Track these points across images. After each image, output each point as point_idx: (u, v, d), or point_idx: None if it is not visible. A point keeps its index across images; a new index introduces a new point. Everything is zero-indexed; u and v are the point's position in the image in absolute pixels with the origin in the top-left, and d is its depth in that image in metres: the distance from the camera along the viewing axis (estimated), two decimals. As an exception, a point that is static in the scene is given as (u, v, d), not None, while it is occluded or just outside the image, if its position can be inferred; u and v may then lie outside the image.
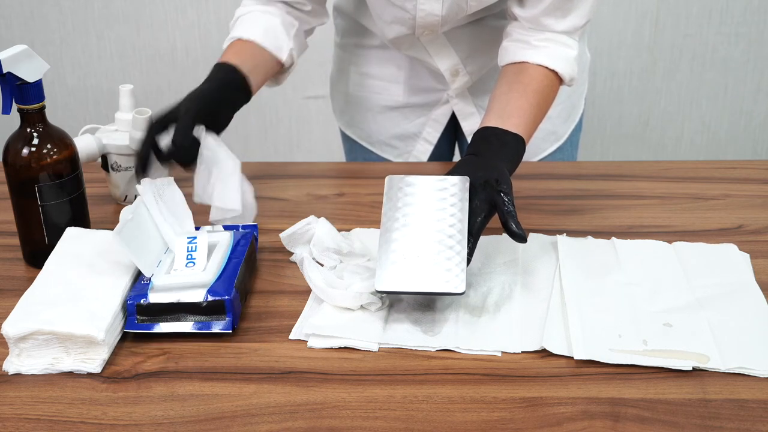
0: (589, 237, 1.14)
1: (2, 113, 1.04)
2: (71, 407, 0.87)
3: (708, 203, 1.24)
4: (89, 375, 0.91)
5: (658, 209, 1.23)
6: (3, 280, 1.08)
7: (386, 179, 1.05)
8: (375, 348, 0.94)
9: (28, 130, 1.06)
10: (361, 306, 0.99)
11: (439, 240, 0.98)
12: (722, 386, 0.88)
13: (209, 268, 1.00)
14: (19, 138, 1.06)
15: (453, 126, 1.46)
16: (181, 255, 1.01)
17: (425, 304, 1.00)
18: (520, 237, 1.00)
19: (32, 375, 0.91)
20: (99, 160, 1.24)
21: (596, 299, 1.00)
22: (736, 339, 0.94)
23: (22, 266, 1.12)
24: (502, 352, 0.93)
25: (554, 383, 0.89)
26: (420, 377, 0.90)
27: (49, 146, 1.06)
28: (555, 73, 1.17)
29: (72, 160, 1.08)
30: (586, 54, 1.45)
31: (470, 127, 1.41)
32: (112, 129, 1.26)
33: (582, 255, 1.09)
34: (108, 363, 0.93)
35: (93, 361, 0.92)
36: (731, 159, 2.09)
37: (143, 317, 0.96)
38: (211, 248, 1.03)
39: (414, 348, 0.94)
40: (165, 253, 1.04)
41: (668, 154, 2.59)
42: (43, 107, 1.05)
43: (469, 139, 1.31)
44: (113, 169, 1.24)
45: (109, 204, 1.27)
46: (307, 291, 1.04)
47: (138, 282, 1.00)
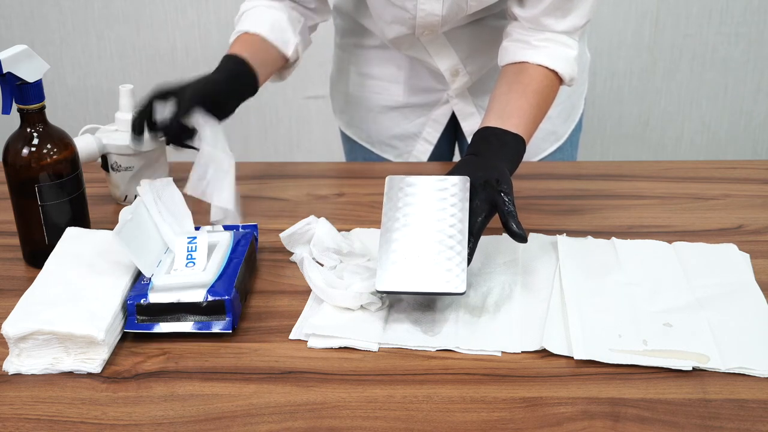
0: (589, 237, 1.14)
1: (2, 113, 1.04)
2: (71, 407, 0.87)
3: (708, 203, 1.24)
4: (89, 375, 0.91)
5: (658, 209, 1.23)
6: (3, 280, 1.08)
7: (386, 179, 1.05)
8: (375, 348, 0.94)
9: (28, 130, 1.06)
10: (361, 306, 0.99)
11: (440, 240, 0.98)
12: (722, 386, 0.88)
13: (209, 268, 1.00)
14: (19, 138, 1.06)
15: (453, 126, 1.46)
16: (181, 255, 1.01)
17: (425, 304, 1.00)
18: (521, 237, 1.00)
19: (32, 375, 0.91)
20: (99, 160, 1.24)
21: (596, 299, 1.00)
22: (736, 339, 0.94)
23: (22, 266, 1.12)
24: (502, 352, 0.93)
25: (554, 383, 0.89)
26: (420, 377, 0.90)
27: (49, 146, 1.06)
28: (555, 73, 1.17)
29: (72, 160, 1.08)
30: (586, 54, 1.45)
31: (470, 127, 1.41)
32: (112, 129, 1.25)
33: (582, 255, 1.09)
34: (108, 363, 0.93)
35: (93, 361, 0.92)
36: (731, 159, 2.09)
37: (143, 317, 0.96)
38: (211, 248, 1.03)
39: (414, 348, 0.94)
40: (165, 253, 1.04)
41: (668, 154, 2.59)
42: (43, 107, 1.05)
43: (469, 139, 1.31)
44: (113, 169, 1.24)
45: (109, 204, 1.27)
46: (307, 291, 1.04)
47: (138, 282, 1.00)
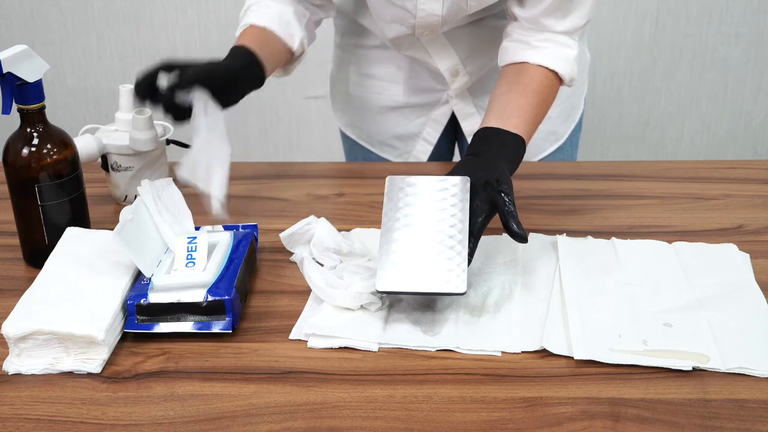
0: (589, 237, 1.14)
1: (2, 113, 1.04)
2: (71, 407, 0.87)
3: (708, 203, 1.24)
4: (89, 375, 0.91)
5: (658, 209, 1.23)
6: (3, 280, 1.08)
7: (387, 179, 1.05)
8: (375, 348, 0.94)
9: (28, 130, 1.06)
10: (361, 306, 0.99)
11: (440, 240, 0.98)
12: (722, 386, 0.88)
13: (209, 268, 1.00)
14: (19, 138, 1.06)
15: (453, 126, 1.46)
16: (181, 255, 1.01)
17: (425, 304, 1.00)
18: (521, 237, 1.00)
19: (32, 375, 0.91)
20: (99, 160, 1.24)
21: (596, 299, 1.00)
22: (736, 339, 0.94)
23: (22, 266, 1.12)
24: (502, 352, 0.93)
25: (554, 383, 0.89)
26: (420, 377, 0.90)
27: (49, 146, 1.06)
28: (555, 74, 1.17)
29: (72, 160, 1.08)
30: (586, 54, 1.45)
31: (470, 128, 1.41)
32: (112, 129, 1.26)
33: (582, 255, 1.09)
34: (108, 363, 0.93)
35: (93, 361, 0.92)
36: (731, 159, 2.09)
37: (143, 317, 0.96)
38: (211, 248, 1.03)
39: (414, 348, 0.94)
40: (165, 253, 1.04)
41: (668, 154, 2.59)
42: (43, 107, 1.05)
43: (469, 140, 1.31)
44: (113, 169, 1.24)
45: (109, 204, 1.27)
46: (307, 291, 1.04)
47: (138, 282, 1.00)
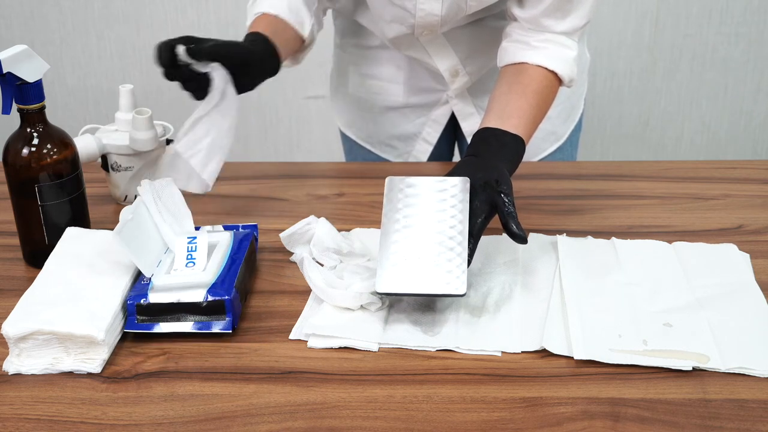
0: (589, 237, 1.14)
1: (2, 113, 1.04)
2: (71, 407, 0.87)
3: (708, 203, 1.24)
4: (89, 375, 0.91)
5: (658, 209, 1.23)
6: (3, 280, 1.08)
7: (386, 180, 1.05)
8: (375, 348, 0.94)
9: (28, 130, 1.06)
10: (361, 306, 0.99)
11: (440, 241, 0.98)
12: (722, 386, 0.88)
13: (209, 268, 1.00)
14: (19, 138, 1.06)
15: (452, 126, 1.46)
16: (181, 255, 1.01)
17: (425, 305, 1.00)
18: (521, 238, 1.00)
19: (32, 375, 0.91)
20: (99, 160, 1.24)
21: (596, 299, 1.00)
22: (736, 339, 0.94)
23: (22, 266, 1.12)
24: (502, 352, 0.93)
25: (554, 383, 0.89)
26: (420, 377, 0.90)
27: (49, 146, 1.06)
28: (554, 74, 1.17)
29: (72, 160, 1.08)
30: (586, 55, 1.45)
31: (470, 128, 1.41)
32: (112, 129, 1.26)
33: (582, 255, 1.09)
34: (108, 363, 0.93)
35: (93, 361, 0.92)
36: (731, 159, 2.09)
37: (143, 317, 0.96)
38: (211, 248, 1.03)
39: (414, 348, 0.94)
40: (165, 253, 1.04)
41: (668, 154, 2.59)
42: (43, 107, 1.05)
43: (469, 140, 1.31)
44: (113, 169, 1.24)
45: (109, 204, 1.27)
46: (307, 291, 1.04)
47: (138, 282, 1.00)
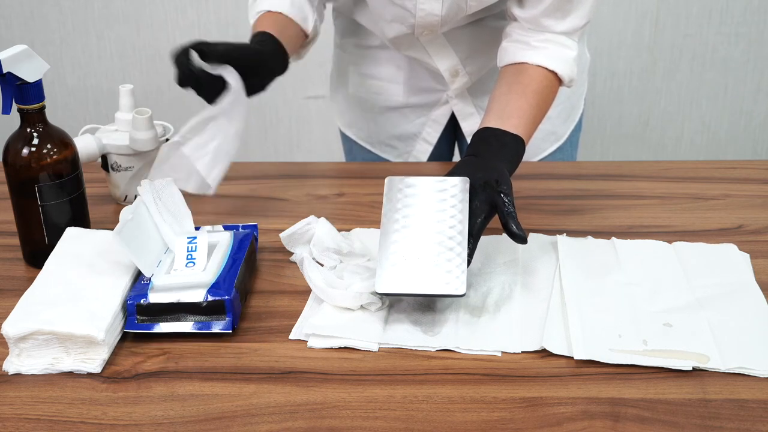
0: (589, 237, 1.14)
1: (2, 113, 1.04)
2: (71, 407, 0.87)
3: (708, 203, 1.24)
4: (89, 375, 0.91)
5: (658, 209, 1.23)
6: (3, 280, 1.08)
7: (386, 180, 1.05)
8: (375, 348, 0.94)
9: (28, 130, 1.06)
10: (361, 306, 0.99)
11: (440, 241, 0.98)
12: (722, 386, 0.88)
13: (209, 268, 1.00)
14: (19, 138, 1.06)
15: (452, 126, 1.46)
16: (181, 255, 1.01)
17: (425, 305, 1.00)
18: (521, 238, 1.00)
19: (32, 375, 0.91)
20: (99, 160, 1.24)
21: (596, 299, 1.00)
22: (736, 339, 0.94)
23: (22, 266, 1.12)
24: (502, 352, 0.93)
25: (554, 383, 0.89)
26: (420, 377, 0.90)
27: (49, 146, 1.06)
28: (554, 74, 1.17)
29: (72, 160, 1.08)
30: (586, 55, 1.45)
31: (470, 128, 1.41)
32: (112, 129, 1.26)
33: (582, 255, 1.09)
34: (108, 363, 0.93)
35: (93, 361, 0.92)
36: (731, 159, 2.09)
37: (143, 317, 0.96)
38: (211, 248, 1.03)
39: (414, 348, 0.94)
40: (165, 253, 1.04)
41: (668, 154, 2.59)
42: (43, 107, 1.05)
43: (469, 140, 1.31)
44: (113, 169, 1.24)
45: (109, 204, 1.27)
46: (307, 291, 1.04)
47: (138, 282, 1.00)
